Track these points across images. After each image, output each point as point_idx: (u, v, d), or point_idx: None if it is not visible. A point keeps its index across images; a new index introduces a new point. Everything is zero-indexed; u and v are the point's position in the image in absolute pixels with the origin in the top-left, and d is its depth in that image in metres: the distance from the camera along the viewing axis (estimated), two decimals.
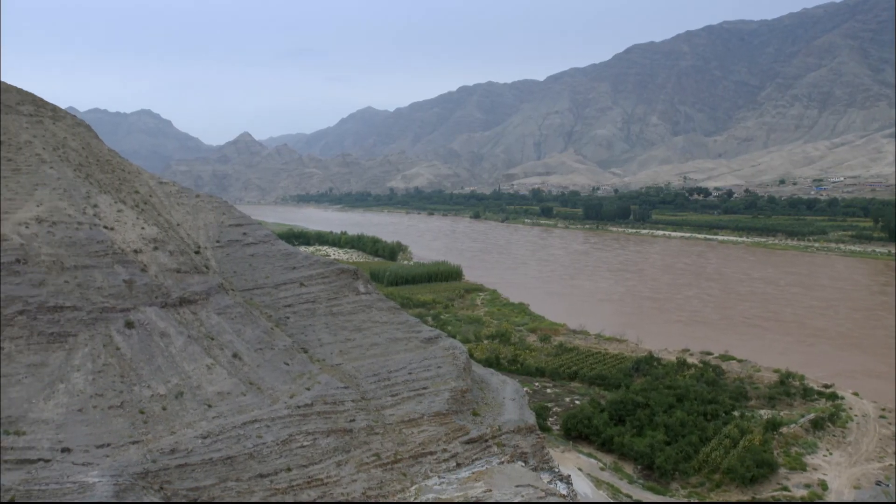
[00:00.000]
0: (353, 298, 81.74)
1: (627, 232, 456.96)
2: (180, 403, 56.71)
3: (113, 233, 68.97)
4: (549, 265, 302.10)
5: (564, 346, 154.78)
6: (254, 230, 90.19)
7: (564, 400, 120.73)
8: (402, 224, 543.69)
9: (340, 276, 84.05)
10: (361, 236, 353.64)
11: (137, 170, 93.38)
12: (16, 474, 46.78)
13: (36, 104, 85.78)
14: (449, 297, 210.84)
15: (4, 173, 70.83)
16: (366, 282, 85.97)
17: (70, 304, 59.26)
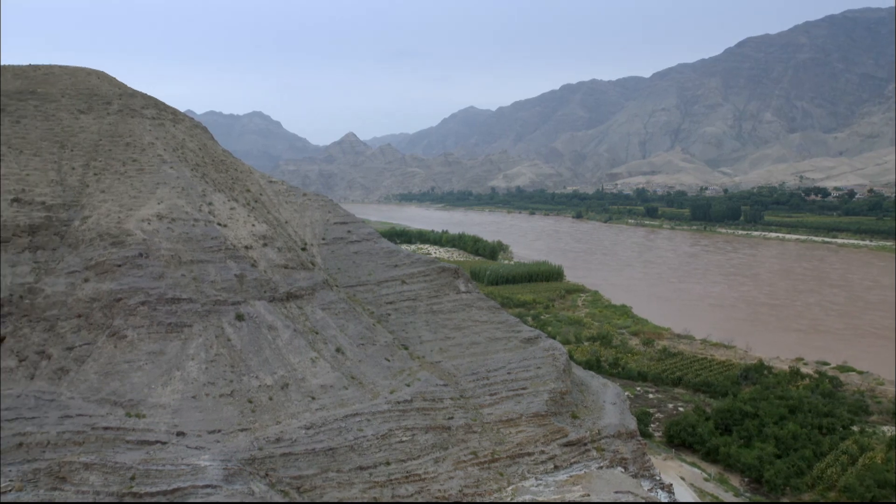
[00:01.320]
0: (454, 297, 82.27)
1: (737, 233, 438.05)
2: (286, 394, 58.77)
3: (226, 229, 72.28)
4: (656, 267, 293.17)
5: (668, 350, 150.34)
6: (358, 228, 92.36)
7: (667, 406, 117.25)
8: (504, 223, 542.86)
9: (441, 275, 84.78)
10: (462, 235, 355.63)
11: (249, 169, 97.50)
12: (136, 454, 49.81)
13: (158, 108, 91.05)
14: (549, 297, 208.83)
15: (130, 173, 75.55)
16: (466, 280, 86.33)
17: (186, 297, 62.55)
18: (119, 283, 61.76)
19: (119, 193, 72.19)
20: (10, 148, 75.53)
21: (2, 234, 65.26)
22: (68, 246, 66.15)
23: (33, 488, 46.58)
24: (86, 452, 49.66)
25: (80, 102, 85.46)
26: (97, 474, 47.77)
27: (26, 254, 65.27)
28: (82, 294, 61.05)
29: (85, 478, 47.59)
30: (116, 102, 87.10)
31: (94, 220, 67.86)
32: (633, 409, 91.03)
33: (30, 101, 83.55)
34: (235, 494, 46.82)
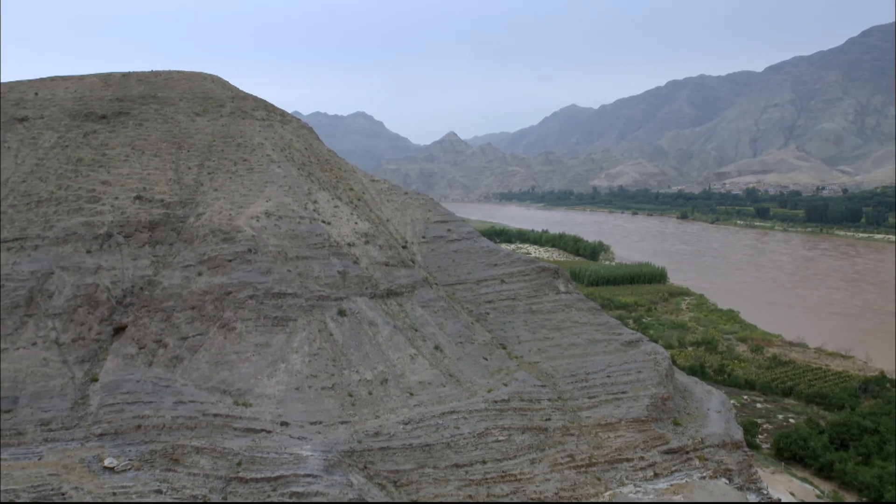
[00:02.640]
0: (553, 297, 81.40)
1: (857, 236, 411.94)
2: (385, 390, 59.82)
3: (330, 227, 74.32)
4: (769, 271, 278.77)
5: (778, 358, 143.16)
6: (458, 227, 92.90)
7: (776, 417, 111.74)
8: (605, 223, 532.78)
9: (541, 275, 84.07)
10: (563, 235, 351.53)
11: (352, 168, 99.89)
12: (243, 441, 51.98)
13: (267, 109, 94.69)
14: (652, 299, 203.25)
15: (241, 172, 78.91)
16: (566, 281, 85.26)
17: (291, 292, 64.74)
18: (229, 277, 64.64)
19: (230, 192, 75.54)
20: (134, 149, 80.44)
21: (126, 230, 69.64)
22: (184, 241, 69.80)
23: (150, 468, 49.42)
24: (197, 437, 52.26)
25: (196, 105, 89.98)
26: (207, 458, 50.15)
27: (146, 248, 69.37)
28: (196, 287, 64.27)
29: (196, 461, 50.08)
30: (229, 105, 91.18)
31: (208, 217, 71.30)
32: (739, 419, 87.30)
33: (151, 104, 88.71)
34: (335, 485, 48.04)
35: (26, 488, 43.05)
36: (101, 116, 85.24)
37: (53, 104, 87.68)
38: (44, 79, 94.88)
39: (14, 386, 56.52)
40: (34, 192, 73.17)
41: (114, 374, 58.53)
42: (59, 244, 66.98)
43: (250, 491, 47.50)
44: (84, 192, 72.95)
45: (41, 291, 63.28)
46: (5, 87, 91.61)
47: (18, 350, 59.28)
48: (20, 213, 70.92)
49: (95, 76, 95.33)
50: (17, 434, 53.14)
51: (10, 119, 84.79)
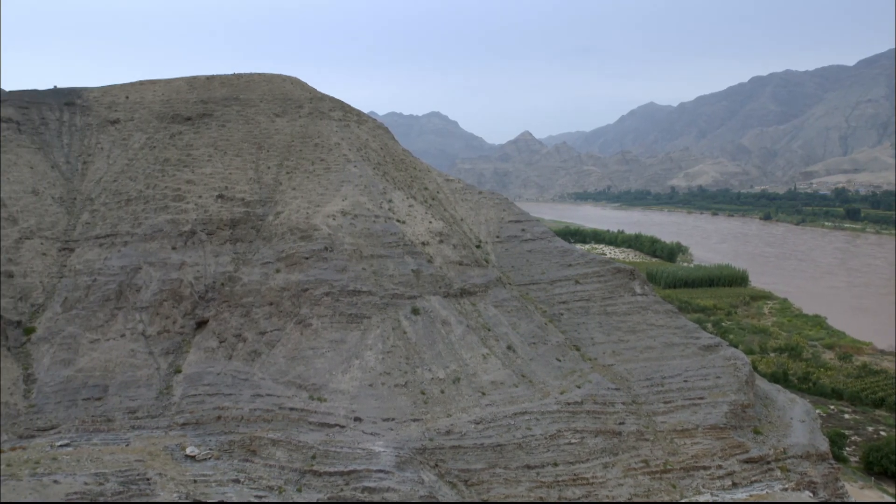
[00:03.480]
0: (629, 299, 79.86)
1: None
2: (457, 388, 59.94)
3: (404, 226, 74.99)
4: (861, 276, 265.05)
5: (869, 367, 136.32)
6: (532, 227, 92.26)
7: (866, 429, 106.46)
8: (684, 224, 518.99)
9: (616, 276, 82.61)
10: (639, 235, 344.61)
11: (427, 168, 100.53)
12: (317, 435, 53.02)
13: (344, 110, 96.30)
14: (732, 303, 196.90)
15: (318, 171, 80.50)
16: (642, 282, 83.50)
17: (366, 289, 65.64)
18: (306, 274, 66.05)
19: (308, 191, 77.17)
20: (217, 149, 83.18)
21: (208, 227, 72.09)
22: (263, 239, 71.74)
23: (228, 458, 50.99)
24: (273, 430, 53.61)
25: (276, 107, 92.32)
26: (283, 450, 51.38)
27: (227, 245, 71.64)
28: (274, 283, 65.94)
29: (272, 453, 51.38)
30: (307, 106, 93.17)
31: (286, 216, 73.06)
32: (824, 430, 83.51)
33: (233, 106, 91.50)
34: (406, 482, 48.44)
35: (115, 472, 45.04)
36: (187, 118, 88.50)
37: (143, 107, 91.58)
38: (134, 83, 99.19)
39: (105, 375, 59.35)
40: (124, 191, 76.62)
41: (196, 367, 60.70)
42: (146, 241, 69.92)
43: (323, 484, 48.40)
44: (170, 190, 75.91)
45: (130, 286, 66.19)
46: (99, 92, 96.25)
47: (109, 341, 62.20)
48: (111, 211, 74.39)
49: (182, 79, 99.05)
50: (107, 420, 55.76)
51: (103, 121, 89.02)
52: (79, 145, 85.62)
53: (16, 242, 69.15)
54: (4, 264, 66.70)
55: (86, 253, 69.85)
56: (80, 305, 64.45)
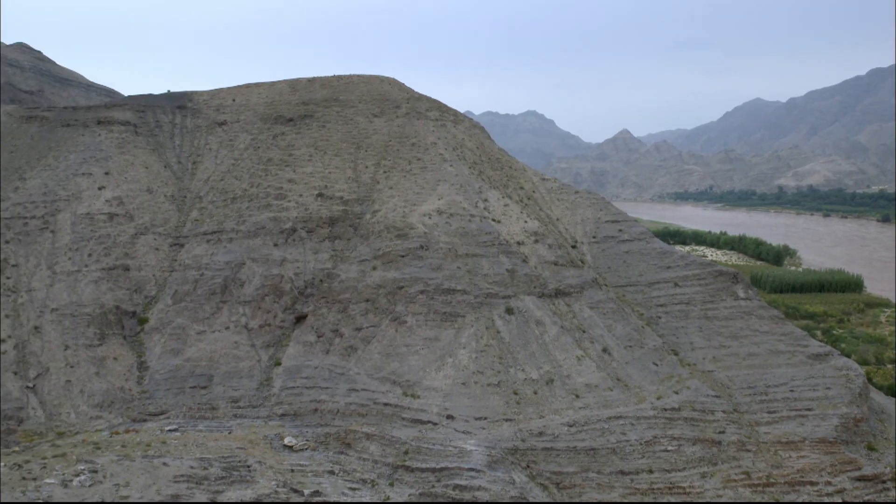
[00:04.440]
0: (731, 303, 76.79)
1: None
2: (550, 390, 59.31)
3: (499, 225, 74.86)
4: None
5: None
6: (629, 227, 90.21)
7: None
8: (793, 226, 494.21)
9: (718, 279, 79.61)
10: (743, 237, 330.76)
11: (523, 167, 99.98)
12: (410, 431, 53.65)
13: (441, 110, 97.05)
14: (844, 310, 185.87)
15: (414, 170, 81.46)
16: (746, 286, 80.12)
17: (461, 288, 65.92)
18: (402, 272, 66.98)
19: (404, 190, 78.24)
20: (317, 149, 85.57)
21: (308, 225, 74.27)
22: (360, 237, 73.26)
23: (324, 450, 52.34)
24: (368, 424, 54.64)
25: (374, 107, 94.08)
26: (376, 445, 52.29)
27: (326, 243, 73.59)
28: (370, 281, 67.21)
29: (366, 447, 52.37)
30: (404, 106, 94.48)
31: (383, 214, 74.33)
32: None
33: (333, 107, 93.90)
34: (497, 481, 48.31)
35: (218, 458, 47.06)
36: (289, 119, 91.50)
37: (248, 109, 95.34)
38: (240, 86, 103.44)
39: (210, 365, 62.16)
40: (230, 190, 79.98)
41: (295, 360, 62.67)
42: (250, 237, 72.73)
43: (415, 479, 48.92)
44: (272, 189, 78.67)
45: (234, 280, 69.03)
46: (208, 95, 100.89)
47: (214, 333, 65.09)
48: (218, 209, 77.82)
49: (284, 82, 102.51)
50: (211, 409, 58.38)
51: (212, 123, 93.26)
52: (189, 146, 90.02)
53: (132, 238, 73.39)
54: (121, 258, 70.91)
55: (194, 248, 73.35)
56: (189, 298, 67.74)
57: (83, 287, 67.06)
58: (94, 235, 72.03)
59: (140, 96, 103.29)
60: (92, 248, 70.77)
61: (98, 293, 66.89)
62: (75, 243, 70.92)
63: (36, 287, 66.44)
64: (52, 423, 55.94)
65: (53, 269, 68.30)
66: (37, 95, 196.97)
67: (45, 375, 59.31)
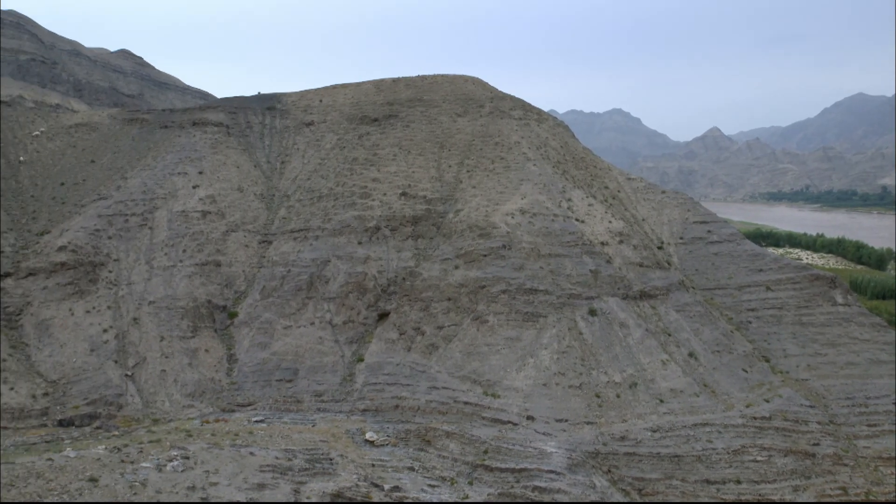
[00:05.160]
0: (828, 309, 73.21)
1: None
2: (633, 394, 58.01)
3: (583, 225, 73.78)
4: None
5: None
6: (719, 228, 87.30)
7: None
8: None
9: (814, 283, 76.05)
10: (842, 240, 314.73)
11: (608, 166, 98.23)
12: (490, 430, 53.52)
13: (524, 109, 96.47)
14: None
15: (497, 170, 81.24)
16: (845, 292, 76.23)
17: (543, 288, 65.31)
18: (484, 271, 66.92)
19: (487, 189, 78.15)
20: (401, 149, 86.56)
21: (392, 224, 75.20)
22: (443, 236, 73.63)
23: (404, 446, 52.85)
24: (448, 422, 54.84)
25: (458, 107, 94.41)
26: (456, 443, 52.41)
27: (409, 241, 74.33)
28: (452, 279, 67.45)
29: (446, 444, 52.57)
30: (488, 105, 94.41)
31: (465, 213, 74.47)
32: None
33: (417, 107, 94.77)
34: (577, 485, 47.60)
35: (302, 450, 48.20)
36: (374, 119, 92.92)
37: (334, 109, 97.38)
38: (327, 87, 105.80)
39: (295, 359, 63.82)
40: (317, 189, 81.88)
41: (377, 356, 63.57)
42: (335, 235, 74.26)
43: (494, 479, 48.76)
44: (357, 188, 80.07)
45: (320, 277, 70.62)
46: (296, 96, 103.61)
47: (300, 328, 66.77)
48: (305, 207, 79.79)
49: (370, 83, 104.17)
50: (296, 401, 59.90)
51: (299, 124, 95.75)
52: (278, 146, 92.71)
53: (223, 235, 76.15)
54: (213, 255, 73.67)
55: (282, 245, 75.46)
56: (276, 294, 69.73)
57: (178, 281, 70.05)
58: (188, 232, 75.13)
59: (232, 98, 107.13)
60: (186, 245, 73.83)
61: (191, 287, 69.73)
62: (171, 239, 74.16)
63: (135, 281, 69.84)
64: (148, 409, 58.71)
65: (151, 264, 71.63)
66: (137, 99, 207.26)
67: (142, 365, 62.29)
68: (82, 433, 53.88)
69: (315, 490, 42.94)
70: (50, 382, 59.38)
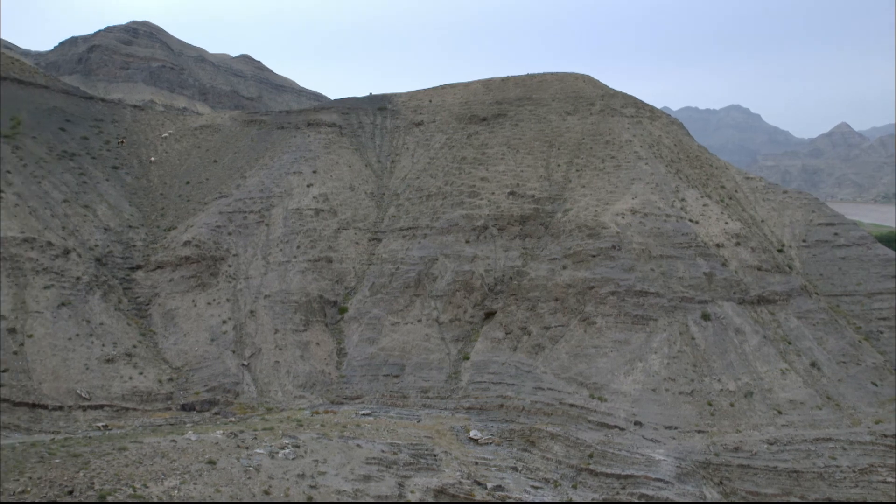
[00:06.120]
0: None
1: None
2: (748, 403, 55.38)
3: (697, 226, 71.10)
4: None
5: None
6: (847, 231, 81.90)
7: None
8: None
9: None
10: None
11: (724, 165, 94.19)
12: (595, 434, 52.49)
13: (636, 106, 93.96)
14: None
15: (608, 169, 79.57)
16: None
17: (653, 291, 63.41)
18: (592, 272, 65.69)
19: (597, 188, 76.68)
20: (509, 148, 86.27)
21: (499, 223, 75.08)
22: (551, 235, 72.83)
23: (508, 446, 52.65)
24: (552, 424, 54.20)
25: (567, 105, 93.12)
26: (560, 445, 51.72)
27: (517, 241, 73.97)
28: (560, 280, 66.60)
29: (550, 446, 51.97)
30: (598, 103, 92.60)
31: (574, 213, 73.35)
32: None
33: (526, 106, 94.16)
34: (686, 495, 45.92)
35: (407, 444, 48.94)
36: (482, 118, 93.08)
37: (443, 109, 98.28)
38: (436, 87, 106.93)
39: (402, 355, 64.87)
40: (425, 188, 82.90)
41: (482, 355, 63.66)
42: (443, 234, 74.93)
43: (599, 484, 47.80)
44: (465, 187, 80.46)
45: (427, 275, 71.47)
46: (406, 96, 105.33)
47: (407, 325, 67.82)
48: (414, 206, 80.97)
49: (479, 82, 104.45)
50: (402, 397, 60.88)
51: (409, 124, 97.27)
52: (388, 146, 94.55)
53: (335, 232, 78.43)
54: (325, 251, 76.00)
55: (391, 243, 76.90)
56: (385, 290, 71.12)
57: (292, 276, 72.74)
58: (302, 229, 77.86)
59: (345, 99, 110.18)
60: (300, 241, 76.55)
61: (304, 282, 72.23)
62: (286, 236, 77.09)
63: (252, 275, 73.06)
64: (262, 398, 61.29)
65: (267, 259, 74.73)
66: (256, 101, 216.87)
67: (257, 355, 65.10)
68: (202, 418, 56.89)
69: (419, 485, 43.49)
70: (174, 369, 63.07)
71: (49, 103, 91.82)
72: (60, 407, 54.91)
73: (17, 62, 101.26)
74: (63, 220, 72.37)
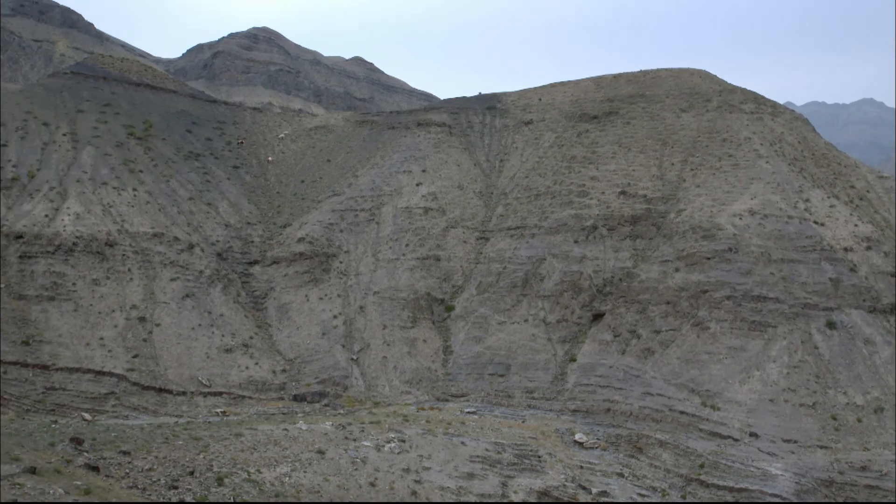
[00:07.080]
0: None
1: None
2: (878, 419, 51.63)
3: (823, 229, 67.01)
4: None
5: None
6: None
7: None
8: None
9: None
10: None
11: (854, 163, 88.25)
12: (707, 444, 50.43)
13: (757, 102, 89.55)
14: None
15: (724, 168, 76.33)
16: None
17: (773, 296, 60.24)
18: (707, 275, 63.16)
19: (713, 188, 73.66)
20: (620, 146, 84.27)
21: (609, 223, 73.49)
22: (663, 236, 70.57)
23: (614, 451, 51.44)
24: (661, 431, 52.51)
25: (682, 101, 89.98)
26: (669, 453, 50.04)
27: (627, 241, 72.14)
28: (672, 282, 64.42)
29: (658, 454, 50.39)
30: (716, 99, 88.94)
31: (688, 214, 70.75)
32: None
33: (638, 103, 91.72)
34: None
35: (511, 444, 48.71)
36: (593, 117, 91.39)
37: (553, 107, 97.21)
38: (545, 85, 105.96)
39: (508, 355, 64.66)
40: (534, 187, 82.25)
41: (590, 357, 62.50)
42: (551, 233, 74.09)
43: (710, 496, 45.88)
44: (575, 186, 79.22)
45: (535, 275, 70.90)
46: (515, 95, 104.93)
47: (513, 324, 67.53)
48: (522, 205, 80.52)
49: (589, 79, 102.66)
50: (507, 396, 60.68)
51: (518, 123, 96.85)
52: (497, 145, 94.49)
53: (443, 231, 79.16)
54: (434, 249, 76.84)
55: (498, 242, 76.80)
56: (492, 290, 71.12)
57: (400, 274, 73.98)
58: (411, 227, 79.05)
59: (454, 99, 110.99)
60: (409, 239, 77.74)
61: (412, 280, 73.30)
62: (395, 234, 78.50)
63: (362, 272, 74.86)
64: (369, 392, 62.68)
65: (377, 257, 76.36)
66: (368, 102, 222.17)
67: (366, 350, 66.64)
68: (313, 409, 58.79)
69: (522, 486, 43.17)
70: (287, 360, 65.55)
71: (177, 107, 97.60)
72: (183, 392, 58.23)
73: (150, 69, 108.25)
74: (188, 217, 76.71)
